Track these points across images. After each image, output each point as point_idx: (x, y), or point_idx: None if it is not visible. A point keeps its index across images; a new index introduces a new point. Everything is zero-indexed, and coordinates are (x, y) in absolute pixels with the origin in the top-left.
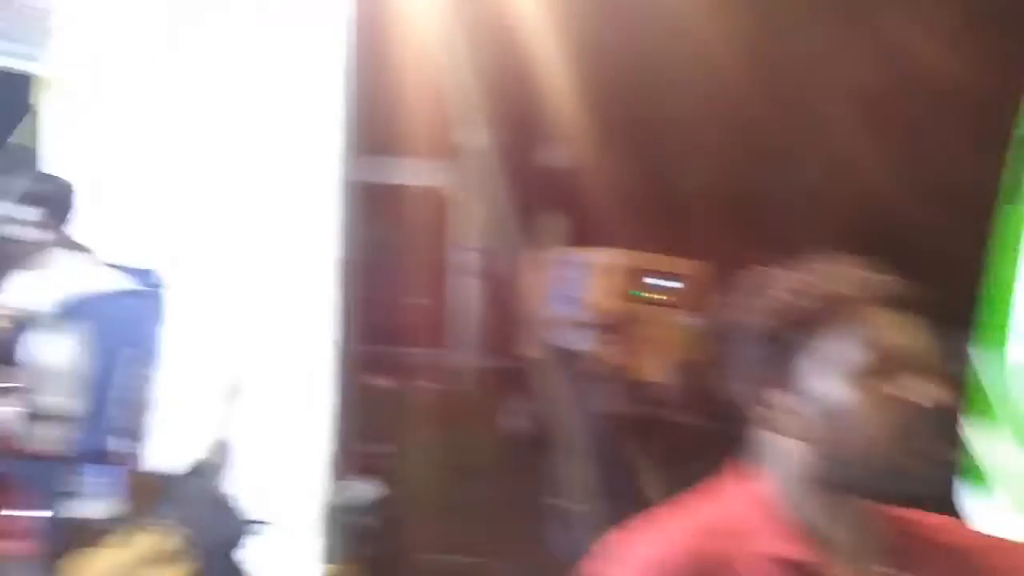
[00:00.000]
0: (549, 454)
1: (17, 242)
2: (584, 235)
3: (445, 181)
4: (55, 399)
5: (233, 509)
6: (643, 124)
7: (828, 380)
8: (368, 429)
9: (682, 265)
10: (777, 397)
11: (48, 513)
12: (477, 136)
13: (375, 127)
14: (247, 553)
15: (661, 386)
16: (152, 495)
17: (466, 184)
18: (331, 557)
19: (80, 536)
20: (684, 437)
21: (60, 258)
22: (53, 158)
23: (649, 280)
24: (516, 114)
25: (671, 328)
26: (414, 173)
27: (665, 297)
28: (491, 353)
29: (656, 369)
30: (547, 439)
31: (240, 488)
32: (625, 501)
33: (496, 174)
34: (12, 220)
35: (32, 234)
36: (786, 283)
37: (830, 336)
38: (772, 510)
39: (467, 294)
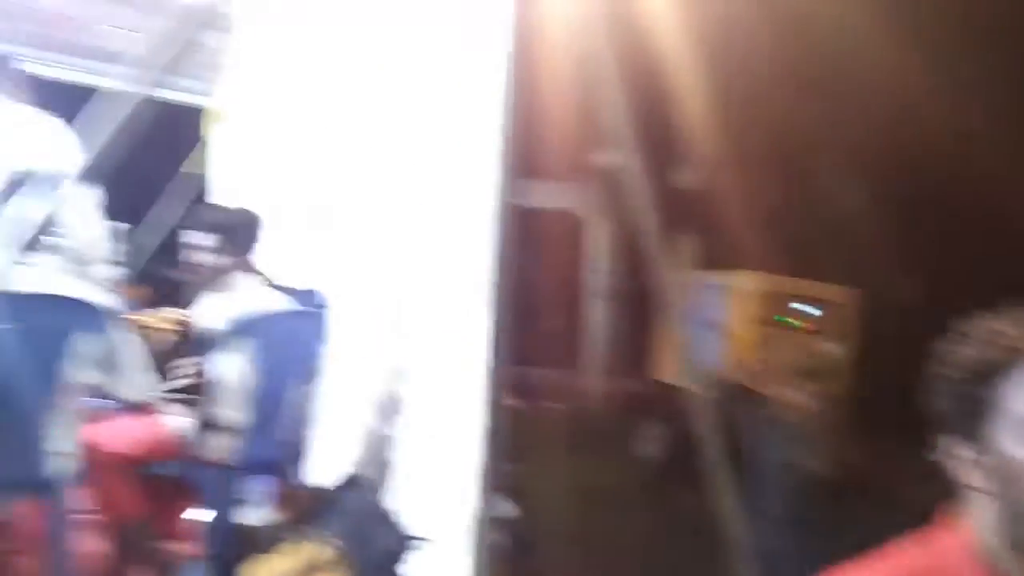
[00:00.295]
0: (685, 481)
1: (201, 266)
2: (724, 258)
3: (581, 203)
4: (227, 411)
5: (394, 524)
6: (784, 145)
7: (1012, 440)
8: (510, 449)
9: (826, 290)
10: (966, 450)
11: (215, 518)
12: (620, 157)
13: (523, 151)
14: (407, 568)
15: (805, 415)
16: (309, 506)
17: (605, 206)
18: (480, 574)
19: (245, 542)
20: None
21: (239, 281)
22: (221, 186)
23: (793, 305)
24: (656, 135)
25: (815, 355)
26: (551, 195)
27: (809, 323)
28: (627, 376)
29: (799, 397)
30: (683, 465)
31: (399, 504)
32: (776, 531)
33: (639, 195)
34: (199, 247)
35: (214, 259)
36: (978, 333)
37: (1017, 393)
38: (979, 562)
39: (603, 316)
